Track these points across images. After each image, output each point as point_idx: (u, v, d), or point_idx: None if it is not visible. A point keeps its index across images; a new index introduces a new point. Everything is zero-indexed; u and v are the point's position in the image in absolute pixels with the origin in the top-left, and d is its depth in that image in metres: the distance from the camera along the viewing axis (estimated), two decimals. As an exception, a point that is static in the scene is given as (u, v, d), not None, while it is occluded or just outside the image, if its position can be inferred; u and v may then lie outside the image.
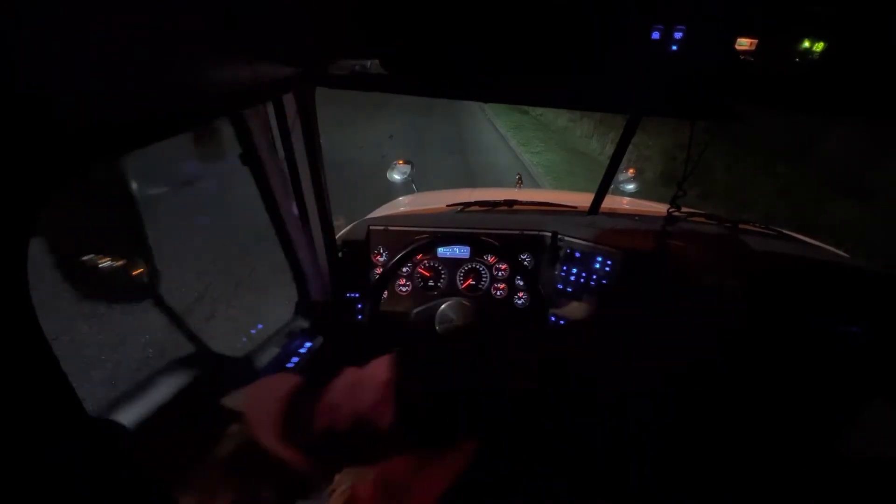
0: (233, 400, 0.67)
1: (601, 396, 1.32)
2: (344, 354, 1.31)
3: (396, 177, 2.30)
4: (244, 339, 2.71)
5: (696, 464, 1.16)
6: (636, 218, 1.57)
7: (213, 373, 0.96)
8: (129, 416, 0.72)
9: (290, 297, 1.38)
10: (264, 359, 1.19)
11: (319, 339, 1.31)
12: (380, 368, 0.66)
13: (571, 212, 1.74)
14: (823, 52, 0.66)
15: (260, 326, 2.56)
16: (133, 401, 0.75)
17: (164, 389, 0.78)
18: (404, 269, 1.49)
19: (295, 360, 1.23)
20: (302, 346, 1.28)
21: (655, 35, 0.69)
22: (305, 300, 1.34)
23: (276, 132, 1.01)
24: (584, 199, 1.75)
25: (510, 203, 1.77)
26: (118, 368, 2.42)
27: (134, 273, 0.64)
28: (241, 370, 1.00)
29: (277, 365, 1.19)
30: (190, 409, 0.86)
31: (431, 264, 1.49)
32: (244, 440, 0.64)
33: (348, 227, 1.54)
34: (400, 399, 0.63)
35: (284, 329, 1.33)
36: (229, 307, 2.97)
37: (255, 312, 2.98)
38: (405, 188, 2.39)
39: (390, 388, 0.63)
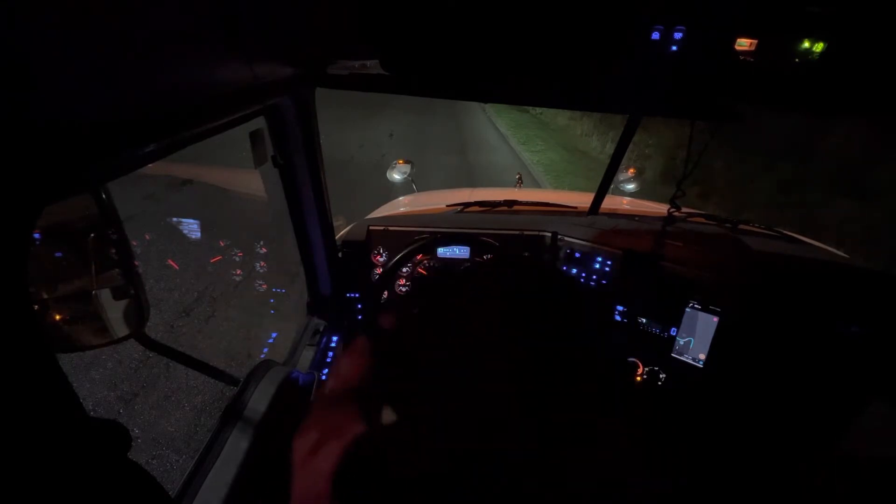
0: None
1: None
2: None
3: (396, 177, 2.29)
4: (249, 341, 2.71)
5: (695, 463, 1.16)
6: (636, 218, 1.57)
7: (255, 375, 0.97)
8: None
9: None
10: (304, 361, 1.22)
11: (337, 337, 1.35)
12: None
13: (571, 212, 1.74)
14: (823, 52, 0.66)
15: (275, 335, 2.56)
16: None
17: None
18: (404, 269, 1.49)
19: (331, 355, 1.27)
20: (331, 343, 1.31)
21: (655, 35, 0.69)
22: (319, 299, 1.36)
23: (276, 133, 1.02)
24: (584, 200, 1.74)
25: (510, 203, 1.77)
26: (118, 368, 2.42)
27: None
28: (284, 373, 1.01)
29: (316, 365, 1.23)
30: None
31: (431, 264, 1.49)
32: None
33: (348, 228, 1.54)
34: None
35: (308, 329, 1.34)
36: (229, 307, 2.98)
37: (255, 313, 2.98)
38: (405, 188, 2.39)
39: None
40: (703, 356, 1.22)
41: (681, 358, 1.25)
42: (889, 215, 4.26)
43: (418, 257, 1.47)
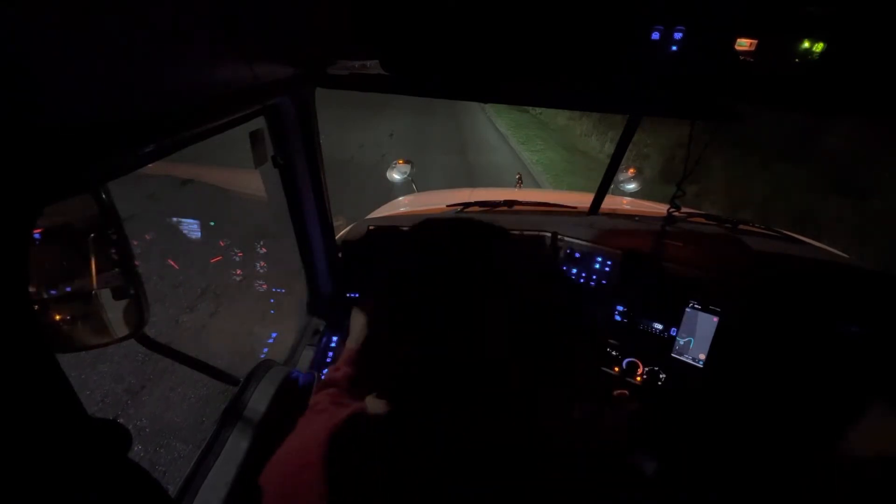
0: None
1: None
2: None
3: (396, 177, 2.29)
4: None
5: (695, 463, 1.16)
6: (636, 218, 1.57)
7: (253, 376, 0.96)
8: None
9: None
10: (304, 361, 1.22)
11: (337, 337, 1.35)
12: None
13: (571, 212, 1.74)
14: (823, 52, 0.66)
15: (275, 335, 2.58)
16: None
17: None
18: None
19: (330, 355, 1.27)
20: (331, 343, 1.31)
21: (655, 35, 0.69)
22: (318, 299, 1.36)
23: (276, 133, 1.02)
24: (584, 200, 1.74)
25: (510, 203, 1.77)
26: (125, 361, 2.45)
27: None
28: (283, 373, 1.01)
29: (316, 365, 1.23)
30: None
31: None
32: None
33: (348, 228, 1.54)
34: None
35: (308, 329, 1.34)
36: (232, 304, 3.00)
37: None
38: (405, 188, 2.40)
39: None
40: (703, 356, 1.22)
41: (681, 358, 1.25)
42: (887, 214, 4.26)
43: None
